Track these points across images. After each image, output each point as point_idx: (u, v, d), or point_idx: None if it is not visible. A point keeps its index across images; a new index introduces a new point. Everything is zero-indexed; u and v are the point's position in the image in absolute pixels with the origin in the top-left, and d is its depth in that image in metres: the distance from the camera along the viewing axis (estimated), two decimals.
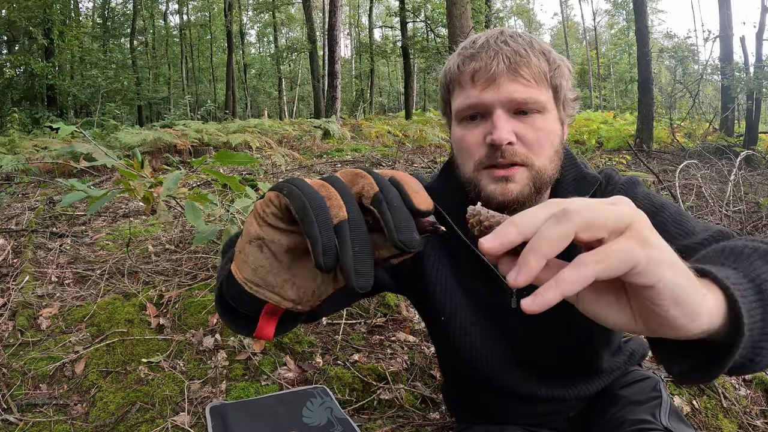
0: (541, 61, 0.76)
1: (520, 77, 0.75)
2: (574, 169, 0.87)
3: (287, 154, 6.42)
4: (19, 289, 2.16)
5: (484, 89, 0.75)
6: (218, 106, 20.51)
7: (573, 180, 0.86)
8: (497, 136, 0.74)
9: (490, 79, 0.75)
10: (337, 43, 12.09)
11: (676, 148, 8.81)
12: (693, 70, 11.98)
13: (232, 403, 1.48)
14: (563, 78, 0.79)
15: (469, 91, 0.77)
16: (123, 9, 24.04)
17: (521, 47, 0.76)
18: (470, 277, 0.90)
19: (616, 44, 33.08)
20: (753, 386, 1.63)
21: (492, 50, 0.75)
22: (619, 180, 0.88)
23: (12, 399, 1.49)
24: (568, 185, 0.85)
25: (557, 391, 0.93)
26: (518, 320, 0.88)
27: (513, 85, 0.74)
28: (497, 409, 0.99)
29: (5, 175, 5.25)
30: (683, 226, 0.75)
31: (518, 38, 0.78)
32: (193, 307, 1.99)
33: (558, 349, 0.90)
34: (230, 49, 20.13)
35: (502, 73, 0.74)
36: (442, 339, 0.96)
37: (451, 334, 0.92)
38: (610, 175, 0.89)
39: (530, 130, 0.76)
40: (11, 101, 16.29)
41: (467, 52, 0.78)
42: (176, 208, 2.59)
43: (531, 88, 0.75)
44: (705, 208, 4.04)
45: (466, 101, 0.77)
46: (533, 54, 0.76)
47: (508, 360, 0.92)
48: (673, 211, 0.78)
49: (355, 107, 23.59)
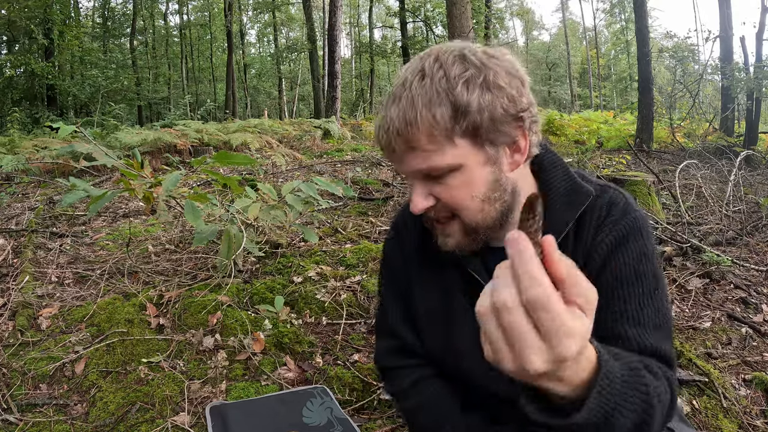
0: (438, 118, 0.71)
1: (418, 150, 0.73)
2: (566, 181, 0.85)
3: (287, 154, 6.42)
4: (19, 289, 2.16)
5: (395, 163, 0.78)
6: (218, 106, 20.52)
7: (565, 192, 0.84)
8: (412, 207, 0.78)
9: (395, 157, 0.77)
10: (337, 43, 12.09)
11: (676, 148, 8.81)
12: (693, 70, 11.98)
13: (232, 403, 1.48)
14: (485, 109, 0.71)
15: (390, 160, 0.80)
16: (123, 9, 24.03)
17: (413, 110, 0.71)
18: (459, 293, 0.91)
19: (615, 44, 33.06)
20: (753, 386, 1.63)
21: (386, 123, 0.74)
22: (619, 220, 0.80)
23: (12, 399, 1.49)
24: (559, 198, 0.84)
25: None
26: None
27: (413, 159, 0.74)
28: (495, 412, 0.99)
29: (5, 175, 5.24)
30: (639, 314, 0.75)
31: (421, 88, 0.71)
32: (193, 307, 1.99)
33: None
34: (230, 49, 20.13)
35: (401, 150, 0.74)
36: (435, 353, 0.98)
37: (442, 349, 0.95)
38: (613, 204, 0.83)
39: (445, 190, 0.77)
40: (11, 101, 16.28)
41: (377, 123, 0.77)
42: (176, 208, 2.59)
43: (432, 154, 0.73)
44: (705, 208, 4.04)
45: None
46: (428, 112, 0.71)
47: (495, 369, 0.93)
48: (645, 292, 0.77)
49: (355, 107, 23.58)
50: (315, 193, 2.29)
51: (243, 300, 2.11)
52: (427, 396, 0.97)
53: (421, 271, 0.96)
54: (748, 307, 2.22)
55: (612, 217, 0.81)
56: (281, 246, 2.61)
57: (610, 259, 0.79)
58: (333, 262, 2.54)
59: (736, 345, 1.91)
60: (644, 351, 0.73)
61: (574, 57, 35.44)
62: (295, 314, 2.03)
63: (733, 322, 2.09)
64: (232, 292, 2.13)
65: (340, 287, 2.21)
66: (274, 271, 2.41)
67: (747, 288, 2.39)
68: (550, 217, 0.83)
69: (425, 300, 0.97)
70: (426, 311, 0.97)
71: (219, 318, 1.93)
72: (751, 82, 8.84)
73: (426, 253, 0.90)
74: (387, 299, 1.06)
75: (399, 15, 19.78)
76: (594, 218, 0.82)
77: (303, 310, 2.07)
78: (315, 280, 2.28)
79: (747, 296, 2.30)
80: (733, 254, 2.82)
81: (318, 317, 2.04)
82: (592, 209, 0.83)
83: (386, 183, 4.53)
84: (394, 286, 1.03)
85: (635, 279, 0.78)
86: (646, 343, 0.74)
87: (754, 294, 2.34)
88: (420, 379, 0.98)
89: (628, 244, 0.80)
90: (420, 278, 0.97)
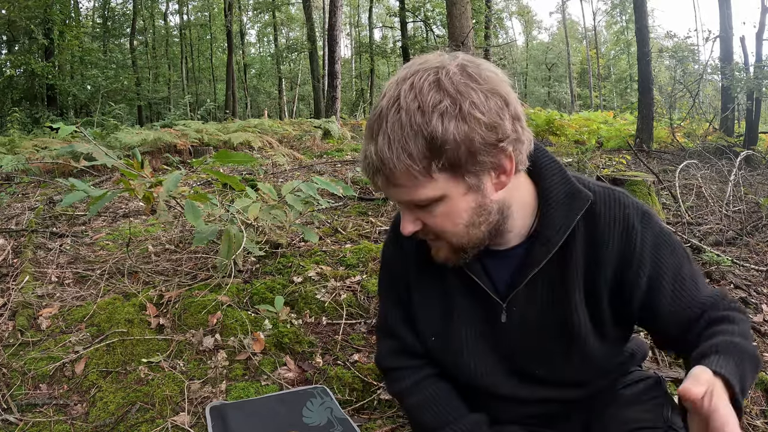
0: (414, 157, 0.69)
1: (400, 186, 0.74)
2: (564, 185, 0.85)
3: (287, 154, 6.42)
4: (19, 289, 2.16)
5: (381, 191, 0.81)
6: (218, 106, 20.52)
7: (564, 197, 0.84)
8: (402, 229, 0.81)
9: (379, 188, 0.78)
10: (337, 43, 12.09)
11: (676, 148, 8.81)
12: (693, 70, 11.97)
13: (232, 403, 1.48)
14: (461, 143, 0.69)
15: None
16: (123, 9, 24.03)
17: (389, 150, 0.70)
18: (459, 294, 0.93)
19: (615, 44, 33.07)
20: (753, 386, 1.63)
21: (367, 158, 0.74)
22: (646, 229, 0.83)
23: (12, 399, 1.49)
24: (559, 204, 0.84)
25: (553, 394, 0.94)
26: (508, 335, 0.91)
27: (396, 192, 0.76)
28: (496, 412, 0.99)
29: (5, 175, 5.24)
30: (695, 290, 0.85)
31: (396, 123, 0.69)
32: (193, 307, 1.99)
33: (551, 361, 0.91)
34: (230, 49, 20.15)
35: (383, 184, 0.76)
36: (436, 354, 0.99)
37: (442, 351, 0.96)
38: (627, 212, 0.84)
39: (430, 218, 0.78)
40: (11, 101, 16.28)
41: (360, 153, 0.78)
42: (176, 208, 2.59)
43: (411, 189, 0.74)
44: (705, 208, 4.04)
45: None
46: (404, 152, 0.69)
47: (499, 371, 0.94)
48: (689, 268, 0.85)
49: (355, 107, 23.59)
50: (315, 192, 2.29)
51: (243, 300, 2.11)
52: (429, 394, 0.98)
53: (420, 272, 0.97)
54: (748, 307, 2.22)
55: (633, 216, 0.84)
56: (281, 246, 2.61)
57: (658, 258, 0.83)
58: (333, 262, 2.54)
59: None
60: (718, 302, 0.83)
61: (574, 57, 35.43)
62: (295, 314, 2.03)
63: None
64: (232, 292, 2.13)
65: (340, 287, 2.21)
66: (274, 271, 2.41)
67: (747, 288, 2.39)
68: (549, 222, 0.84)
69: (425, 301, 0.97)
70: (425, 312, 0.97)
71: (219, 318, 1.93)
72: (751, 82, 8.84)
73: (424, 255, 0.91)
74: (386, 301, 1.07)
75: (399, 15, 19.78)
76: (612, 220, 0.83)
77: (303, 310, 2.07)
78: (315, 280, 2.28)
79: (747, 296, 2.30)
80: (733, 254, 2.82)
81: (318, 317, 2.04)
82: (606, 213, 0.84)
83: None
84: (394, 288, 1.03)
85: (681, 263, 0.84)
86: (713, 298, 0.84)
87: (754, 294, 2.34)
88: (422, 379, 0.99)
89: (663, 238, 0.84)
90: (419, 279, 0.97)
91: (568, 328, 0.86)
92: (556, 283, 0.86)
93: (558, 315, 0.86)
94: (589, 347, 0.87)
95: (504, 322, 0.89)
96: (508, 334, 0.91)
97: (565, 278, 0.85)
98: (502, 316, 0.89)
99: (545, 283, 0.87)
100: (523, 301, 0.88)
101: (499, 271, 0.89)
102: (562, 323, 0.86)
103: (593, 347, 0.87)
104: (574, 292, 0.85)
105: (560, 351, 0.89)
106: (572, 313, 0.85)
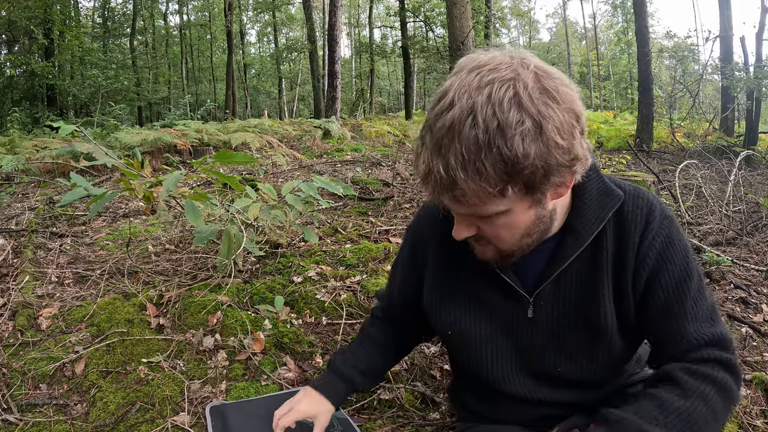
0: (490, 179, 0.66)
1: (467, 204, 0.71)
2: (598, 182, 0.86)
3: (287, 154, 6.42)
4: (19, 289, 2.16)
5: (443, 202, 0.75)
6: (218, 106, 20.52)
7: (597, 194, 0.85)
8: (454, 233, 0.81)
9: (441, 202, 0.74)
10: (337, 43, 12.10)
11: (676, 148, 8.82)
12: (693, 70, 11.97)
13: (232, 403, 1.48)
14: (540, 166, 0.66)
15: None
16: (123, 9, 24.02)
17: (463, 171, 0.65)
18: (484, 288, 0.92)
19: (615, 44, 33.07)
20: (753, 386, 1.63)
21: (433, 176, 0.69)
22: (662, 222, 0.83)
23: (12, 399, 1.49)
24: (593, 199, 0.84)
25: (566, 396, 0.94)
26: (533, 330, 0.91)
27: (459, 207, 0.74)
28: (505, 412, 1.00)
29: (5, 175, 5.24)
30: (695, 311, 0.81)
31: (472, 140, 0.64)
32: (193, 307, 1.99)
33: (574, 357, 0.91)
34: (230, 49, 20.13)
35: (451, 201, 0.72)
36: (453, 349, 0.99)
37: (458, 346, 0.97)
38: (651, 205, 0.84)
39: (488, 227, 0.77)
40: (11, 101, 16.29)
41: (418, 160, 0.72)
42: (176, 208, 2.59)
43: (481, 206, 0.71)
44: (705, 208, 4.04)
45: None
46: (477, 175, 0.66)
47: (518, 369, 0.94)
48: (695, 287, 0.82)
49: (355, 107, 23.60)
50: (315, 192, 2.29)
51: (243, 300, 2.11)
52: (367, 332, 1.26)
53: (444, 254, 0.97)
54: (748, 307, 2.22)
55: (654, 219, 0.83)
56: (281, 246, 2.61)
57: (662, 261, 0.82)
58: (333, 262, 2.54)
59: (736, 345, 1.91)
60: (705, 344, 0.80)
61: (574, 57, 35.44)
62: (295, 314, 2.03)
63: (732, 322, 2.09)
64: (232, 292, 2.13)
65: (340, 287, 2.21)
66: (274, 271, 2.41)
67: (747, 288, 2.39)
68: (582, 217, 0.84)
69: (446, 293, 0.97)
70: (447, 305, 0.97)
71: (219, 318, 1.93)
72: (751, 82, 8.85)
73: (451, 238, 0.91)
74: (392, 278, 1.18)
75: (399, 15, 19.76)
76: (636, 221, 0.84)
77: (303, 310, 2.07)
78: (315, 280, 2.28)
79: (747, 296, 2.30)
80: (733, 254, 2.82)
81: (318, 317, 2.04)
82: (633, 211, 0.84)
83: (386, 183, 4.53)
84: (407, 264, 1.08)
85: (687, 277, 0.82)
86: (705, 336, 0.80)
87: (754, 294, 2.34)
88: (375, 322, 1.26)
89: (674, 244, 0.83)
90: (442, 260, 0.97)
91: (594, 323, 0.86)
92: (586, 278, 0.86)
93: (586, 310, 0.87)
94: (614, 343, 0.87)
95: (531, 317, 0.89)
96: (533, 330, 0.90)
97: (595, 273, 0.85)
98: (529, 311, 0.89)
99: (575, 278, 0.87)
100: (551, 296, 0.88)
101: (527, 265, 0.89)
102: (589, 318, 0.86)
103: (617, 344, 0.88)
104: (603, 288, 0.85)
105: (585, 346, 0.89)
106: (600, 307, 0.85)
